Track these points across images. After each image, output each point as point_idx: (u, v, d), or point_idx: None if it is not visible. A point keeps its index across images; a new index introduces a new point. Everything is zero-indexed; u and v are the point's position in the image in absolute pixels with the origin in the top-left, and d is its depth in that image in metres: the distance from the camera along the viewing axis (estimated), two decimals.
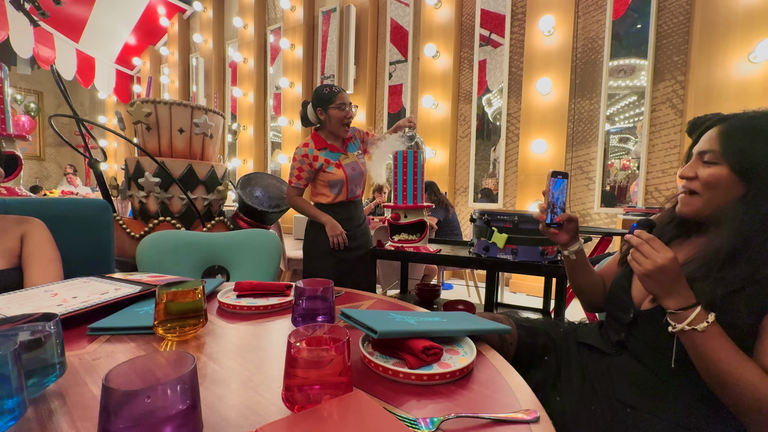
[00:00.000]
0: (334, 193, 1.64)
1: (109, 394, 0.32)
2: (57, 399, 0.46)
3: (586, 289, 0.89)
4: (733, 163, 0.64)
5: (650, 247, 0.61)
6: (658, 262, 0.58)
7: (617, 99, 3.32)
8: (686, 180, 0.70)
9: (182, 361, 0.38)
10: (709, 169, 0.67)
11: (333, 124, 1.62)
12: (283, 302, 0.83)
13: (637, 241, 0.63)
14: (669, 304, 0.59)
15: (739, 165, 0.63)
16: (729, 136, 0.65)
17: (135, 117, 1.73)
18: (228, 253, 1.37)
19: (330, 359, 0.42)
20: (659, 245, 0.60)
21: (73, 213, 1.20)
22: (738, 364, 0.54)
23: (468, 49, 4.01)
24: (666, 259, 0.58)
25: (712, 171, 0.66)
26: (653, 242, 0.61)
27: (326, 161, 1.60)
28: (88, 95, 8.21)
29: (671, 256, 0.58)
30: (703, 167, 0.68)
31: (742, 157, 0.63)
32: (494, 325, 0.70)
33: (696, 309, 0.57)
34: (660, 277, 0.58)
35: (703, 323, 0.56)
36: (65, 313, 0.66)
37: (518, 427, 0.42)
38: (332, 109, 1.59)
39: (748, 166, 0.63)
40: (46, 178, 8.09)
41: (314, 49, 5.14)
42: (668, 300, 0.59)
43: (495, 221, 1.36)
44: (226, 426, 0.41)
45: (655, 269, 0.58)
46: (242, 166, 5.71)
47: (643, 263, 0.60)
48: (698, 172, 0.68)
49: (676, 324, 0.58)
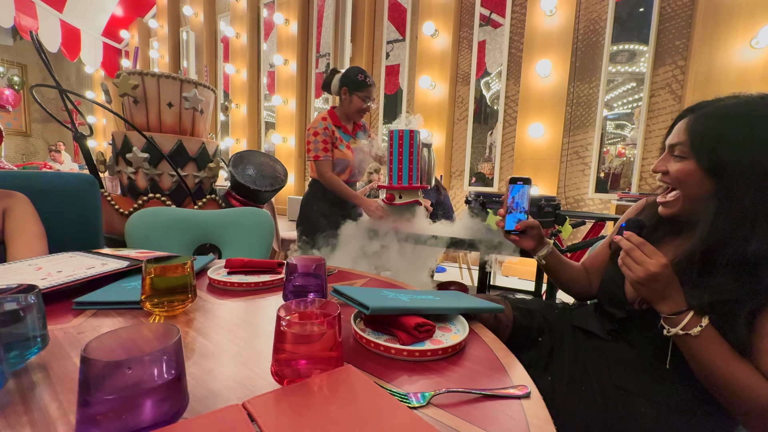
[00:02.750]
0: (336, 171, 1.68)
1: (88, 364, 0.30)
2: (40, 372, 0.45)
3: (566, 284, 0.89)
4: (701, 159, 0.61)
5: (641, 252, 0.58)
6: (651, 270, 0.56)
7: (617, 84, 3.28)
8: (660, 174, 0.68)
9: (167, 333, 0.37)
10: (679, 164, 0.64)
11: (351, 109, 1.68)
12: (274, 279, 0.82)
13: (628, 246, 0.60)
14: (662, 309, 0.58)
15: (707, 161, 0.60)
16: (696, 129, 0.62)
17: (121, 89, 1.66)
18: (219, 231, 1.35)
19: (320, 334, 0.41)
20: (651, 250, 0.58)
21: (58, 188, 1.16)
22: (733, 368, 0.53)
23: (468, 29, 3.91)
24: (658, 266, 0.56)
25: (680, 166, 0.63)
26: (644, 247, 0.58)
27: (339, 139, 1.68)
28: (74, 69, 7.92)
29: (663, 262, 0.56)
30: (674, 161, 0.65)
31: (710, 153, 0.60)
32: (487, 304, 0.69)
33: (689, 314, 0.55)
34: (653, 284, 0.57)
35: (696, 328, 0.55)
36: (49, 287, 0.64)
37: (509, 402, 0.42)
38: (356, 96, 1.65)
39: (716, 162, 0.59)
40: (33, 154, 7.88)
41: (309, 25, 4.98)
42: (661, 305, 0.58)
43: (490, 203, 1.35)
44: (214, 399, 0.41)
45: (648, 277, 0.56)
46: (235, 146, 5.61)
47: (635, 270, 0.58)
48: (668, 166, 0.66)
49: (671, 328, 0.57)
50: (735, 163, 0.57)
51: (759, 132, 0.57)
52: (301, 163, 5.17)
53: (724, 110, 0.60)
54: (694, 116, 0.63)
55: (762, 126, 0.57)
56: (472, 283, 3.20)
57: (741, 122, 0.58)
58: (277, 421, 0.33)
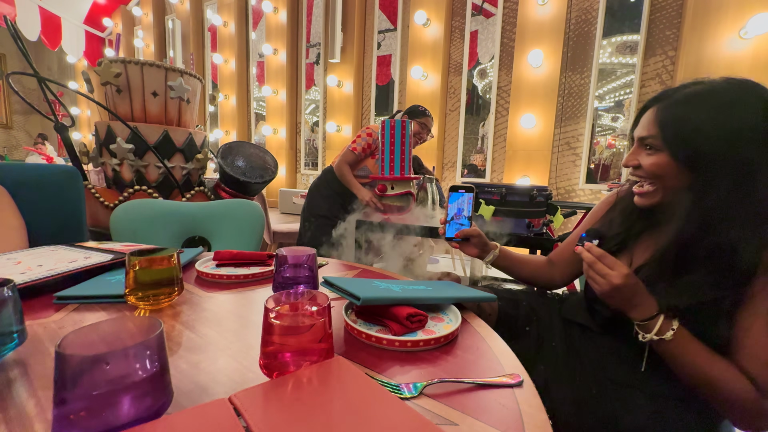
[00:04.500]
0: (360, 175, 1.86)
1: (63, 360, 0.29)
2: (17, 368, 0.43)
3: (525, 280, 0.89)
4: (675, 151, 0.58)
5: (603, 265, 0.58)
6: (614, 282, 0.56)
7: (608, 74, 3.29)
8: (632, 168, 0.65)
9: (148, 326, 0.35)
10: (652, 157, 0.61)
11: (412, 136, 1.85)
12: (264, 271, 0.80)
13: (590, 259, 0.59)
14: (634, 316, 0.58)
15: (681, 153, 0.58)
16: (666, 120, 0.59)
17: (103, 77, 1.61)
18: (208, 223, 1.32)
19: (309, 325, 0.40)
20: (612, 262, 0.58)
21: (39, 180, 1.12)
22: (710, 366, 0.54)
23: (459, 18, 3.87)
24: (620, 277, 0.56)
25: (654, 160, 0.61)
26: (605, 259, 0.58)
27: None
28: (56, 59, 7.66)
29: (625, 272, 0.56)
30: (646, 155, 0.62)
31: (684, 144, 0.57)
32: (479, 294, 0.69)
33: (659, 318, 0.55)
34: (618, 295, 0.57)
35: (669, 332, 0.55)
36: (28, 281, 0.62)
37: (502, 390, 0.42)
38: (415, 122, 1.85)
39: (690, 152, 0.57)
40: (15, 147, 7.65)
41: (299, 13, 4.88)
42: (632, 313, 0.58)
43: (482, 193, 1.34)
44: (200, 393, 0.40)
45: (612, 290, 0.56)
46: (225, 138, 5.51)
47: (599, 283, 0.58)
48: (641, 160, 0.63)
49: (645, 334, 0.57)
50: (709, 153, 0.56)
51: (730, 117, 0.55)
52: (292, 154, 5.11)
53: (692, 97, 0.58)
54: (661, 106, 0.61)
55: (732, 111, 0.55)
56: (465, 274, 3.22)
57: (711, 109, 0.56)
58: (264, 415, 0.32)
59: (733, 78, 0.59)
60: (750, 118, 0.54)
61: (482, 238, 0.86)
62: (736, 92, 0.57)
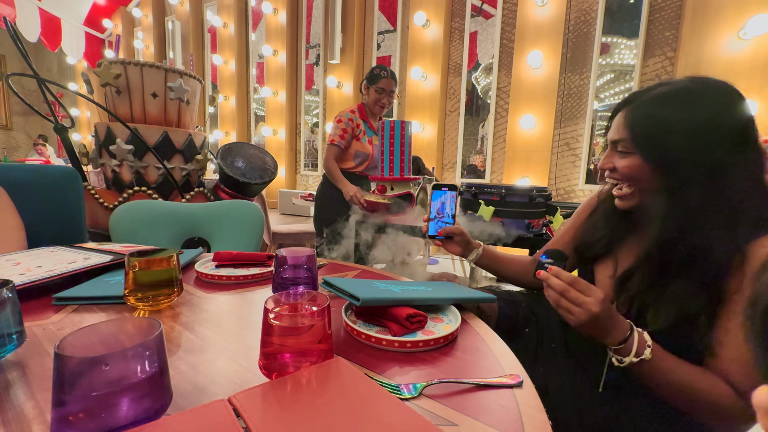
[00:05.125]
0: (355, 162, 1.79)
1: (62, 361, 0.29)
2: (16, 370, 0.43)
3: (509, 279, 0.89)
4: (646, 153, 0.58)
5: (577, 292, 0.52)
6: (593, 311, 0.50)
7: (607, 75, 3.29)
8: (608, 171, 0.64)
9: (147, 327, 0.35)
10: (625, 160, 0.60)
11: (369, 102, 1.79)
12: (264, 272, 0.80)
13: (561, 286, 0.53)
14: (609, 342, 0.53)
15: (651, 155, 0.57)
16: (635, 122, 0.58)
17: (103, 79, 1.61)
18: (208, 224, 1.32)
19: (309, 326, 0.40)
20: (585, 286, 0.52)
21: (38, 180, 1.12)
22: (691, 377, 0.52)
23: (459, 19, 3.87)
24: (598, 304, 0.51)
25: (626, 162, 0.60)
26: (577, 284, 0.52)
27: (363, 132, 1.79)
28: (56, 60, 7.67)
29: (601, 297, 0.51)
30: (619, 158, 0.61)
31: (654, 145, 0.57)
32: (479, 295, 0.69)
33: (634, 337, 0.52)
34: (596, 323, 0.51)
35: (647, 350, 0.51)
36: (27, 282, 0.62)
37: (501, 391, 0.42)
38: (373, 89, 1.75)
39: (660, 154, 0.56)
40: (15, 149, 7.65)
41: (299, 14, 4.88)
42: (607, 339, 0.53)
43: (482, 194, 1.34)
44: (199, 394, 0.39)
45: (591, 319, 0.51)
46: (224, 138, 5.51)
47: (575, 313, 0.52)
48: (615, 162, 0.62)
49: (623, 358, 0.52)
50: (678, 153, 0.55)
51: (696, 117, 0.54)
52: (291, 155, 5.11)
53: (660, 98, 0.57)
54: (630, 108, 0.60)
55: (699, 110, 0.55)
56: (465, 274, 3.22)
57: (678, 109, 0.56)
58: (263, 416, 0.32)
59: (697, 77, 0.59)
60: (716, 118, 0.54)
61: (465, 236, 0.86)
62: (702, 91, 0.56)
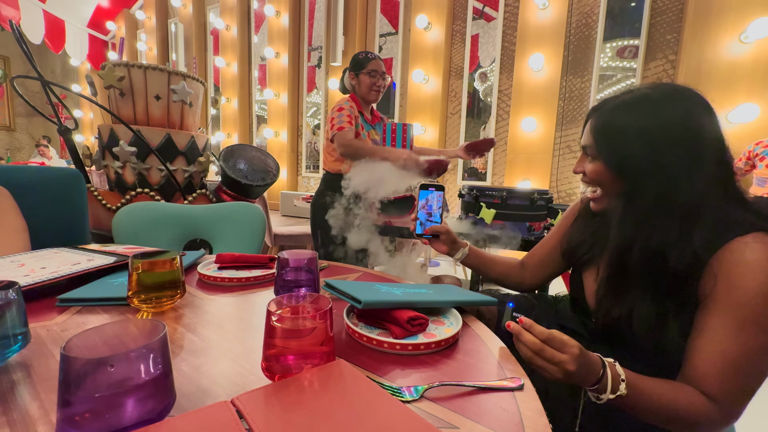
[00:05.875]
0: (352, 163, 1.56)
1: (68, 362, 0.29)
2: (21, 370, 0.43)
3: (495, 279, 0.90)
4: (606, 158, 0.61)
5: (552, 350, 0.49)
6: (569, 369, 0.48)
7: (608, 78, 3.30)
8: (582, 175, 0.67)
9: (152, 329, 0.35)
10: (591, 164, 0.64)
11: (362, 90, 1.61)
12: (266, 274, 0.80)
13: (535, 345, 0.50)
14: (584, 385, 0.52)
15: (612, 160, 0.60)
16: (597, 129, 0.62)
17: (107, 81, 1.62)
18: (210, 226, 1.33)
19: (311, 328, 0.40)
20: (559, 342, 0.49)
21: (42, 182, 1.13)
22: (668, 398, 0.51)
23: (461, 22, 3.88)
24: (574, 361, 0.48)
25: (592, 167, 0.64)
26: (552, 341, 0.50)
27: (361, 126, 1.60)
28: (59, 62, 7.71)
29: (577, 354, 0.49)
30: (588, 162, 0.65)
31: (612, 150, 0.60)
32: (481, 298, 0.69)
33: (608, 374, 0.51)
34: (572, 378, 0.50)
35: (621, 384, 0.50)
36: (32, 283, 0.62)
37: (502, 394, 0.42)
38: (363, 75, 1.59)
39: (619, 160, 0.59)
40: (18, 150, 7.69)
41: (301, 17, 4.90)
42: (584, 383, 0.52)
43: (483, 197, 1.35)
44: (202, 396, 0.40)
45: (566, 375, 0.49)
46: (227, 140, 5.53)
47: (551, 371, 0.50)
48: (585, 167, 0.66)
49: (600, 395, 0.51)
50: (633, 158, 0.57)
51: (650, 122, 0.57)
52: (293, 157, 5.12)
53: (621, 105, 0.60)
54: (596, 115, 0.63)
55: (653, 116, 0.57)
56: (466, 277, 3.21)
57: (635, 115, 0.58)
58: (266, 418, 0.32)
59: (660, 84, 0.60)
60: (670, 124, 0.56)
61: (451, 234, 0.88)
62: (660, 98, 0.58)
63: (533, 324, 0.51)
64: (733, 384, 0.51)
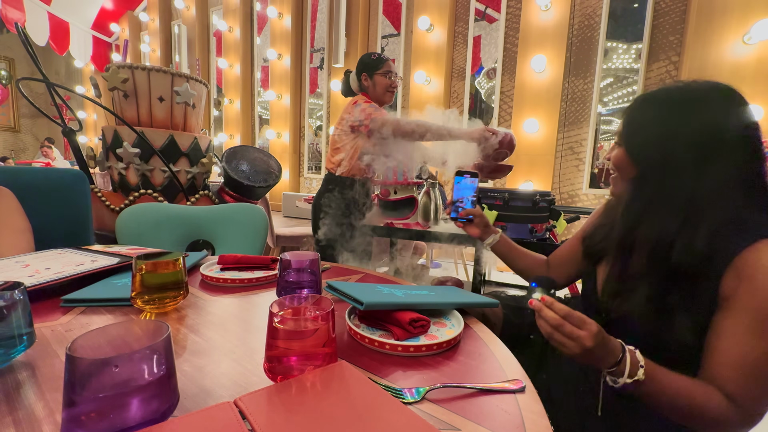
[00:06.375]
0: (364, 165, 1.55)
1: (73, 362, 0.30)
2: (25, 370, 0.44)
3: (520, 272, 0.92)
4: (626, 144, 0.64)
5: (571, 326, 0.51)
6: (587, 345, 0.50)
7: (611, 80, 3.29)
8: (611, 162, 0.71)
9: (156, 329, 0.36)
10: (616, 150, 0.68)
11: (378, 91, 1.58)
12: (268, 275, 0.81)
13: (556, 320, 0.52)
14: (602, 366, 0.53)
15: (629, 145, 0.64)
16: (625, 117, 0.65)
17: (111, 83, 1.63)
18: (213, 227, 1.33)
19: (313, 330, 0.40)
20: (578, 319, 0.51)
21: (46, 183, 1.14)
22: (686, 392, 0.52)
23: (463, 24, 3.89)
24: (592, 338, 0.50)
25: (616, 152, 0.67)
26: (571, 318, 0.51)
27: None
28: (63, 63, 7.77)
29: (595, 331, 0.51)
30: (616, 149, 0.69)
31: (632, 137, 0.63)
32: (482, 299, 0.69)
33: (626, 358, 0.52)
34: (590, 356, 0.51)
35: (639, 370, 0.51)
36: (37, 284, 0.63)
37: (504, 396, 0.42)
38: (378, 76, 1.57)
39: (635, 146, 0.63)
40: (22, 150, 7.74)
41: (303, 19, 4.92)
42: (600, 364, 0.53)
43: (485, 198, 1.35)
44: (205, 396, 0.40)
45: (584, 351, 0.51)
46: (229, 141, 5.55)
47: (569, 347, 0.51)
48: (613, 154, 0.69)
49: (617, 379, 0.53)
50: (647, 145, 0.61)
51: (670, 118, 0.59)
52: (295, 158, 5.13)
53: (649, 97, 0.63)
54: (632, 103, 0.67)
55: (673, 111, 0.59)
56: (468, 278, 3.21)
57: (657, 108, 0.61)
58: (269, 419, 0.32)
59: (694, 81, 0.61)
60: (687, 120, 0.58)
61: (484, 219, 0.93)
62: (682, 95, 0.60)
63: (554, 302, 0.53)
64: (754, 387, 0.51)
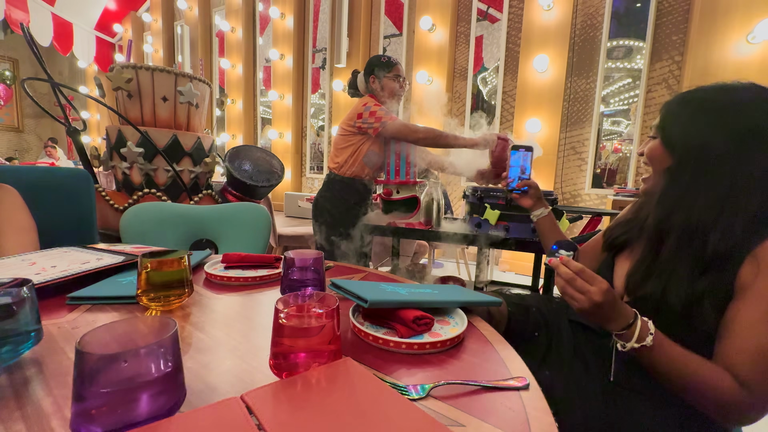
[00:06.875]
0: (368, 166, 1.55)
1: (82, 358, 0.30)
2: (33, 367, 0.44)
3: None
4: (663, 135, 0.66)
5: (582, 281, 0.56)
6: (595, 300, 0.54)
7: (613, 80, 3.28)
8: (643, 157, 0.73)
9: (163, 326, 0.36)
10: (651, 142, 0.69)
11: (386, 94, 1.58)
12: (272, 274, 0.81)
13: (568, 274, 0.57)
14: (612, 328, 0.57)
15: (666, 136, 0.66)
16: (664, 109, 0.67)
17: (115, 83, 1.64)
18: (216, 226, 1.34)
19: (319, 327, 0.40)
20: (590, 276, 0.56)
21: (50, 182, 1.15)
22: (694, 367, 0.53)
23: (465, 23, 3.89)
24: (601, 293, 0.54)
25: (651, 144, 0.69)
26: (583, 274, 0.56)
27: None
28: (67, 64, 7.81)
29: (605, 288, 0.55)
30: (650, 141, 0.70)
31: (669, 129, 0.65)
32: (485, 298, 0.69)
33: (637, 325, 0.55)
34: (599, 312, 0.55)
35: (648, 336, 0.54)
36: (43, 281, 0.63)
37: (508, 393, 0.42)
38: (387, 79, 1.56)
39: (672, 136, 0.65)
40: (26, 150, 7.79)
41: (305, 19, 4.93)
42: (611, 325, 0.57)
43: (488, 198, 1.34)
44: (211, 393, 0.40)
45: (593, 307, 0.55)
46: (231, 141, 5.56)
47: (579, 300, 0.56)
48: (646, 147, 0.71)
49: (625, 343, 0.56)
50: (685, 135, 0.62)
51: (708, 118, 0.61)
52: (297, 158, 5.14)
53: (690, 95, 0.65)
54: (669, 101, 0.69)
55: (711, 113, 0.61)
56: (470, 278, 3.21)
57: (697, 107, 0.63)
58: (275, 414, 0.32)
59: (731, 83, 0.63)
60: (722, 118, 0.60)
61: (539, 191, 0.99)
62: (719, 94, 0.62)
63: (570, 260, 0.58)
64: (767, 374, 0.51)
